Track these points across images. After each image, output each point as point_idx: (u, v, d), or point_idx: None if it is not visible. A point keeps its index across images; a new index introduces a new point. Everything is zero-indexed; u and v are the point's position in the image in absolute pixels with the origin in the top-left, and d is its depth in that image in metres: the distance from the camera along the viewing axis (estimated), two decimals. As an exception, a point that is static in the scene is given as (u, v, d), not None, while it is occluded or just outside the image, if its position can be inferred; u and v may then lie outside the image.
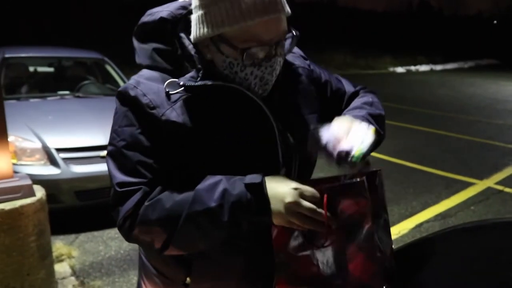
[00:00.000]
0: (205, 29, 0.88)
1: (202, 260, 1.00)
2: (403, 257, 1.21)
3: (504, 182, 5.10)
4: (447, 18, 25.77)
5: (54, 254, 2.85)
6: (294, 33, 0.96)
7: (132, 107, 0.91)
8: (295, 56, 1.12)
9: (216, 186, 0.86)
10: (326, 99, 1.13)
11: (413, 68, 18.43)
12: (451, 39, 24.01)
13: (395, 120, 7.78)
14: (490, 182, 5.09)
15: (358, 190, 0.86)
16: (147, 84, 0.92)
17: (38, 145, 3.45)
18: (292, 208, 0.82)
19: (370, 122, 1.00)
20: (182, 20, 0.95)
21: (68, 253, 3.12)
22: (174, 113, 0.90)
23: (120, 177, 0.90)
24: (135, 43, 1.00)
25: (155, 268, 1.09)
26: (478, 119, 8.76)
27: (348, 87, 1.19)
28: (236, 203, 0.83)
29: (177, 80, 0.92)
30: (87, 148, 3.50)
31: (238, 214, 0.83)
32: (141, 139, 0.90)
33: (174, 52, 0.95)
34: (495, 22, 26.17)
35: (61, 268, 2.93)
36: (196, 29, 0.90)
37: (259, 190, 0.84)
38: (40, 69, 5.65)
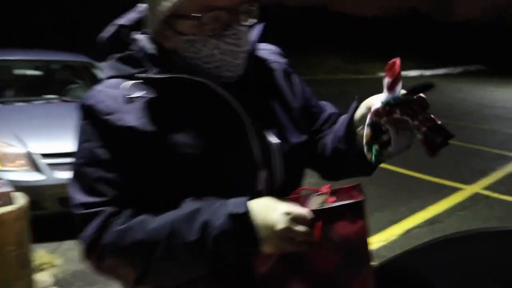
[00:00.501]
0: (157, 12, 0.83)
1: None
2: (392, 270, 1.19)
3: (491, 187, 5.13)
4: (437, 24, 26.05)
5: (36, 262, 2.79)
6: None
7: (89, 117, 0.85)
8: (270, 52, 1.05)
9: (195, 216, 0.77)
10: (299, 107, 1.03)
11: (403, 73, 18.52)
12: (440, 45, 24.26)
13: (384, 125, 7.82)
14: (477, 187, 5.12)
15: (356, 211, 0.81)
16: (106, 91, 0.86)
17: (22, 150, 3.39)
18: (284, 234, 0.75)
19: None
20: (139, 24, 0.92)
21: (50, 261, 3.06)
22: (132, 117, 0.82)
23: (79, 198, 0.82)
24: (102, 64, 0.95)
25: None
26: (466, 124, 8.83)
27: (333, 109, 1.10)
28: (219, 236, 0.75)
29: (134, 81, 0.85)
30: (72, 154, 3.43)
31: (222, 247, 0.76)
32: (99, 152, 0.82)
33: (134, 56, 0.90)
34: (483, 28, 26.55)
35: (43, 277, 2.86)
36: (150, 19, 0.87)
37: (245, 220, 0.76)
38: (27, 72, 5.58)
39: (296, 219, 0.76)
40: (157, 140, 0.83)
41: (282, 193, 0.84)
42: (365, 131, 0.82)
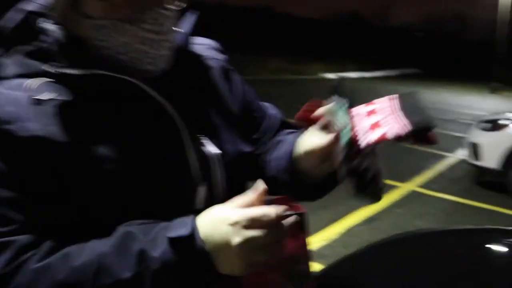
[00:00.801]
0: None
1: None
2: (332, 277, 1.16)
3: (425, 185, 5.39)
4: (376, 29, 27.21)
5: None
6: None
7: None
8: (207, 48, 0.90)
9: (128, 246, 0.62)
10: (238, 104, 0.91)
11: (343, 75, 19.17)
12: (379, 49, 25.35)
13: (326, 125, 7.99)
14: (412, 185, 5.34)
15: (299, 224, 0.71)
16: (6, 93, 0.69)
17: None
18: (247, 247, 0.60)
19: None
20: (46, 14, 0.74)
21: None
22: (37, 124, 0.66)
23: None
24: (2, 61, 0.75)
25: None
26: (403, 124, 9.23)
27: (277, 113, 0.98)
28: (160, 270, 0.60)
29: (43, 79, 0.70)
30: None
31: (165, 282, 0.61)
32: (0, 169, 0.65)
33: (48, 49, 0.73)
34: (420, 34, 28.08)
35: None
36: (56, 1, 0.71)
37: (190, 244, 0.61)
38: None
39: (254, 222, 0.60)
40: (70, 153, 0.67)
41: None
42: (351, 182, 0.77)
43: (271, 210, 0.61)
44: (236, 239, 0.59)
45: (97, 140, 0.69)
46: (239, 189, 0.77)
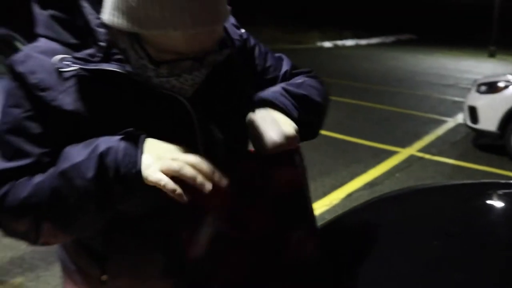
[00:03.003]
0: (119, 20, 0.71)
1: (117, 254, 0.89)
2: (334, 229, 1.22)
3: (424, 149, 5.45)
4: (370, -6, 26.79)
5: (-34, 252, 2.59)
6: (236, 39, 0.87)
7: (19, 85, 0.76)
8: (228, 27, 0.95)
9: (90, 142, 0.72)
10: (257, 75, 0.99)
11: (339, 42, 18.95)
12: (374, 14, 25.01)
13: (324, 94, 7.99)
14: (412, 150, 5.41)
15: (290, 162, 0.81)
16: (39, 59, 0.76)
17: None
18: (168, 155, 0.70)
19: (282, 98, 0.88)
20: None
21: (-18, 250, 2.86)
22: (69, 99, 0.75)
23: None
24: (35, 9, 0.81)
25: (73, 263, 0.97)
26: (400, 90, 9.24)
27: (288, 67, 1.03)
28: (104, 153, 0.69)
29: (67, 56, 0.76)
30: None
31: (106, 169, 0.69)
32: (26, 124, 0.76)
33: (74, 22, 0.78)
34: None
35: (-25, 268, 2.67)
36: (110, 12, 0.73)
37: (134, 139, 0.71)
38: None
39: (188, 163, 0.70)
40: (94, 128, 0.76)
41: None
42: None
43: (197, 159, 0.71)
44: (158, 161, 0.69)
45: (115, 117, 0.77)
46: (238, 149, 0.91)
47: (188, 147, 0.76)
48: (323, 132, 0.94)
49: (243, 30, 0.99)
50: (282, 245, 0.82)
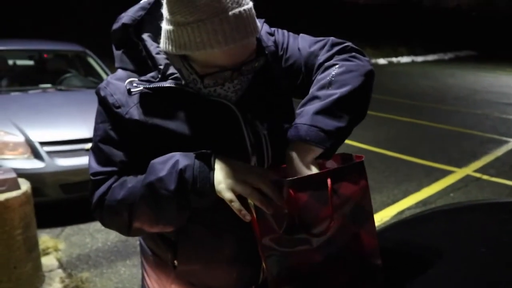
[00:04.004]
0: (171, 47, 0.88)
1: (188, 243, 1.04)
2: (384, 237, 1.27)
3: (482, 169, 5.25)
4: (427, 10, 26.10)
5: (41, 247, 2.85)
6: (267, 50, 0.99)
7: (103, 105, 0.98)
8: (263, 35, 1.07)
9: (170, 158, 0.89)
10: (283, 70, 1.07)
11: (394, 59, 18.63)
12: (431, 31, 24.33)
13: (377, 110, 7.90)
14: (469, 170, 5.23)
15: (359, 171, 0.88)
16: (116, 84, 0.97)
17: (21, 138, 3.43)
18: (236, 176, 0.84)
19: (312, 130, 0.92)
20: (144, 21, 0.98)
21: (54, 246, 3.12)
22: (137, 111, 0.95)
23: (95, 167, 0.98)
24: (113, 49, 1.04)
25: (150, 249, 1.15)
26: (458, 109, 8.94)
27: (305, 48, 1.07)
28: (182, 171, 0.86)
29: (135, 79, 0.96)
30: (72, 141, 3.49)
31: (185, 184, 0.86)
32: (111, 134, 0.96)
33: (140, 53, 0.98)
34: (473, 13, 26.59)
35: (48, 261, 2.93)
36: (164, 42, 0.91)
37: (207, 158, 0.87)
38: (20, 62, 5.56)
39: (257, 176, 0.84)
40: (157, 134, 0.95)
41: None
42: None
43: (263, 181, 0.84)
44: (226, 180, 0.85)
45: (173, 123, 0.96)
46: (283, 159, 1.02)
47: (248, 161, 0.94)
48: (375, 149, 1.00)
49: (275, 35, 1.08)
50: (347, 243, 0.89)
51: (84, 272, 2.88)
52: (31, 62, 5.46)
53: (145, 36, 0.97)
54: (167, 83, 0.94)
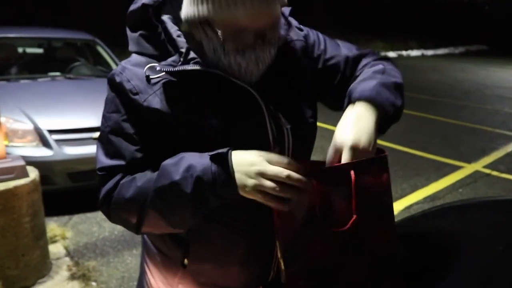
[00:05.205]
0: (192, 10, 0.86)
1: (200, 241, 0.99)
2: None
3: (492, 165, 5.20)
4: (438, 3, 25.78)
5: (48, 235, 2.86)
6: (289, 22, 0.94)
7: (117, 93, 0.92)
8: (292, 29, 1.06)
9: (182, 159, 0.84)
10: (318, 71, 1.07)
11: (404, 53, 18.45)
12: (441, 24, 24.04)
13: (386, 104, 7.82)
14: (478, 165, 5.18)
15: (382, 165, 0.87)
16: (133, 70, 0.92)
17: (30, 126, 3.43)
18: (255, 170, 0.79)
19: (379, 95, 0.92)
20: (166, 2, 0.94)
21: (62, 234, 3.14)
22: (157, 99, 0.89)
23: (103, 161, 0.92)
24: (128, 32, 0.99)
25: (155, 247, 1.10)
26: (468, 104, 8.84)
27: (349, 52, 1.09)
28: (200, 176, 0.81)
29: (156, 64, 0.90)
30: (80, 130, 3.49)
31: (203, 187, 0.82)
32: (124, 126, 0.90)
33: (158, 36, 0.94)
34: (486, 7, 26.22)
35: (55, 249, 2.95)
36: (186, 7, 0.88)
37: (224, 160, 0.82)
38: (29, 50, 5.57)
39: (270, 160, 0.81)
40: (178, 123, 0.89)
41: None
42: None
43: (284, 171, 0.79)
44: (249, 181, 0.80)
45: (195, 113, 0.91)
46: (303, 153, 1.03)
47: (265, 148, 0.87)
48: (384, 143, 1.00)
49: (305, 31, 1.08)
50: (366, 236, 0.86)
51: (91, 261, 2.90)
52: (40, 50, 5.47)
53: (165, 18, 0.93)
54: (190, 66, 0.88)
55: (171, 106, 0.89)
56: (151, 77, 0.89)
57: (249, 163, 0.81)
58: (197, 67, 0.88)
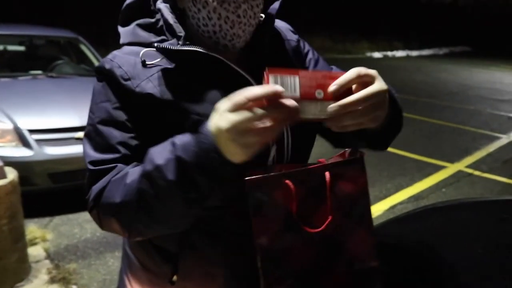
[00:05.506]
0: None
1: (190, 255, 0.91)
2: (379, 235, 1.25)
3: (474, 165, 5.27)
4: (423, 5, 26.09)
5: (28, 237, 2.80)
6: None
7: (107, 80, 0.87)
8: (284, 29, 1.05)
9: (167, 143, 0.76)
10: None
11: (389, 53, 18.63)
12: (426, 25, 24.33)
13: (371, 104, 7.89)
14: (461, 165, 5.25)
15: (358, 166, 0.85)
16: (124, 57, 0.89)
17: (9, 126, 3.36)
18: (235, 130, 0.67)
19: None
20: None
21: (42, 236, 3.07)
22: (150, 84, 0.85)
23: (93, 155, 0.84)
24: (119, 29, 0.95)
25: (139, 262, 1.00)
26: (450, 104, 8.96)
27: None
28: (181, 156, 0.72)
29: (152, 49, 0.87)
30: (61, 130, 3.43)
31: (188, 164, 0.72)
32: (116, 114, 0.85)
33: (156, 24, 0.92)
34: (469, 9, 26.65)
35: (35, 252, 2.88)
36: None
37: (205, 133, 0.71)
38: (10, 47, 5.45)
39: (235, 107, 0.67)
40: (173, 109, 0.85)
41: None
42: None
43: (249, 92, 0.67)
44: (222, 124, 0.67)
45: (191, 99, 0.86)
46: (304, 151, 0.98)
47: (267, 151, 0.85)
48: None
49: (297, 36, 1.07)
50: (345, 241, 0.85)
51: (72, 263, 2.84)
52: (22, 48, 5.36)
53: (162, 5, 0.91)
54: (191, 47, 0.84)
55: (166, 92, 0.85)
56: (147, 62, 0.86)
57: (218, 128, 0.69)
58: (198, 48, 0.85)
